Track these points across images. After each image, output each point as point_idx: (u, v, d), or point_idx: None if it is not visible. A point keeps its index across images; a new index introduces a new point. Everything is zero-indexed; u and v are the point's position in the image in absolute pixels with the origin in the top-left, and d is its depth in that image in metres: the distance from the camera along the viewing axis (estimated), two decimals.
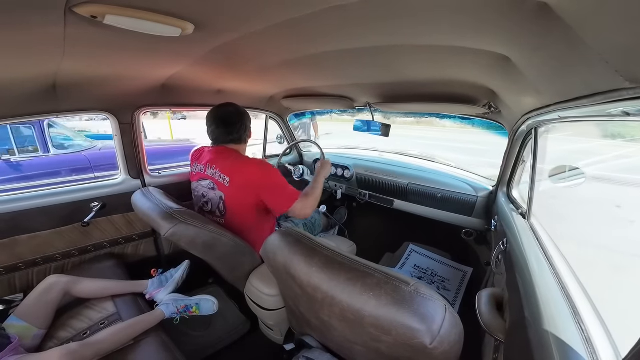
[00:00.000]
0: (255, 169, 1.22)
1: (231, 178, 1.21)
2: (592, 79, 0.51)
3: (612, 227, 2.42)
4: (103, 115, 1.40)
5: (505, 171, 1.38)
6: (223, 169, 1.24)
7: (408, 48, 0.84)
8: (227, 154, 1.29)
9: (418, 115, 1.96)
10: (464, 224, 1.70)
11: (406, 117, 2.22)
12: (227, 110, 1.32)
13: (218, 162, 1.27)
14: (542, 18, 0.48)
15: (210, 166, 1.29)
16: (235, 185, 1.21)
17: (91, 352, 0.89)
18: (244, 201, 1.23)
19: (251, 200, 1.23)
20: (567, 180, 1.08)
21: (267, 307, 1.11)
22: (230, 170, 1.23)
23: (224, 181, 1.23)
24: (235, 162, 1.25)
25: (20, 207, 1.24)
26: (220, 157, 1.28)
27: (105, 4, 0.53)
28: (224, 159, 1.27)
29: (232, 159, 1.26)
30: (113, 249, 1.55)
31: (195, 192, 1.36)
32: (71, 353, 0.84)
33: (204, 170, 1.31)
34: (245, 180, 1.20)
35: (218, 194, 1.25)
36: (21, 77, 0.93)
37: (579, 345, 0.49)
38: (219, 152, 1.31)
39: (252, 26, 0.70)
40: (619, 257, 1.82)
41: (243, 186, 1.20)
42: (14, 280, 1.27)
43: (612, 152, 4.46)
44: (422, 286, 0.60)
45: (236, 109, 1.33)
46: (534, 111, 0.92)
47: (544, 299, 0.61)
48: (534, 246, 0.83)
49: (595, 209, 2.88)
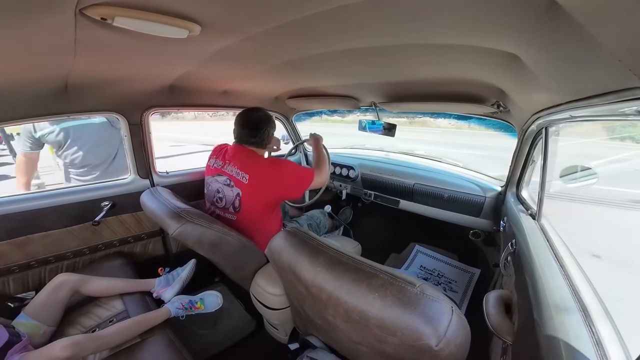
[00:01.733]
0: (272, 168, 1.30)
1: (250, 176, 1.26)
2: (604, 77, 0.50)
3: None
4: (113, 116, 1.42)
5: (515, 171, 1.35)
6: (242, 167, 1.29)
7: (414, 47, 0.83)
8: (247, 153, 1.35)
9: (427, 114, 1.94)
10: (472, 224, 1.68)
11: (414, 118, 2.21)
12: (255, 115, 1.38)
13: (237, 160, 1.33)
14: (551, 16, 0.47)
15: (229, 163, 1.34)
16: (253, 183, 1.26)
17: (95, 345, 0.91)
18: (260, 199, 1.29)
19: (268, 197, 1.30)
20: (579, 180, 1.06)
21: (272, 306, 1.12)
22: (250, 168, 1.28)
23: (242, 179, 1.27)
24: (254, 161, 1.31)
25: (33, 206, 1.27)
26: (240, 156, 1.34)
27: (115, 6, 0.54)
28: (244, 158, 1.33)
29: (251, 158, 1.33)
30: (122, 248, 1.57)
31: (209, 186, 1.40)
32: (74, 344, 0.85)
33: (222, 166, 1.36)
34: (263, 179, 1.27)
35: (235, 191, 1.29)
36: (34, 79, 0.95)
37: (589, 348, 0.48)
38: (239, 150, 1.36)
39: (258, 27, 0.70)
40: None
41: (261, 184, 1.27)
42: (27, 278, 1.31)
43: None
44: (428, 287, 0.60)
45: (264, 115, 1.39)
46: (544, 110, 0.90)
47: (554, 301, 0.60)
48: (544, 247, 0.81)
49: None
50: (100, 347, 0.93)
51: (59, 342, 0.85)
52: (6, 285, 1.26)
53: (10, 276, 1.26)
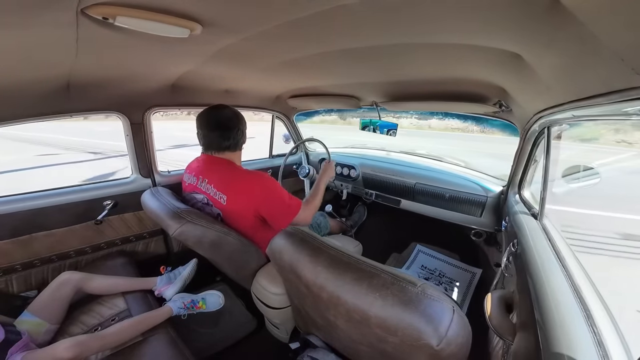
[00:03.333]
0: (254, 186, 1.11)
1: (228, 197, 1.11)
2: (607, 76, 0.50)
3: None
4: (115, 115, 1.43)
5: (516, 171, 1.35)
6: (218, 186, 1.13)
7: (416, 46, 0.83)
8: (221, 166, 1.17)
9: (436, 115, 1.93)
10: (473, 224, 1.67)
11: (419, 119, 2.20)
12: (223, 113, 1.18)
13: (211, 176, 1.17)
14: (554, 14, 0.47)
15: (203, 179, 1.18)
16: (233, 205, 1.12)
17: (98, 344, 0.92)
18: (243, 221, 1.16)
19: (252, 218, 1.15)
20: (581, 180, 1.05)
21: (273, 305, 1.12)
22: (227, 187, 1.12)
23: (220, 199, 1.13)
24: (232, 177, 1.14)
25: (37, 205, 1.27)
26: (214, 170, 1.17)
27: (116, 5, 0.54)
28: (218, 173, 1.16)
29: (227, 172, 1.15)
30: (124, 247, 1.58)
31: (190, 202, 1.26)
32: (78, 344, 0.86)
33: (196, 183, 1.21)
34: (244, 199, 1.11)
35: (215, 211, 1.17)
36: (36, 78, 0.96)
37: (590, 349, 0.48)
38: (211, 162, 1.19)
39: (259, 26, 0.70)
40: None
41: (242, 206, 1.12)
42: (29, 277, 1.31)
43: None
44: (430, 287, 0.60)
45: (233, 112, 1.21)
46: (546, 110, 0.90)
47: (555, 301, 0.60)
48: (545, 247, 0.81)
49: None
50: (103, 347, 0.93)
51: (63, 343, 0.86)
52: (9, 283, 1.26)
53: (13, 275, 1.27)
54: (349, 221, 2.21)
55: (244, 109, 1.96)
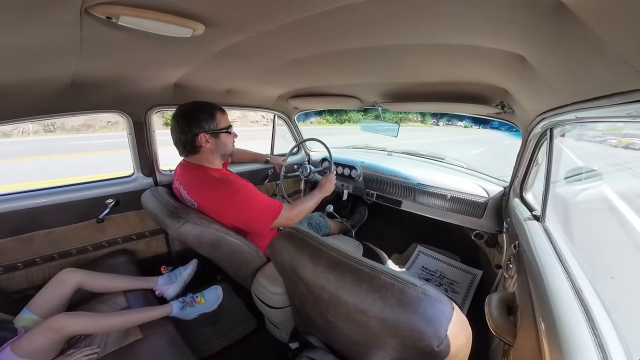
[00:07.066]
0: (221, 196, 1.05)
1: (198, 204, 1.10)
2: (611, 78, 0.49)
3: None
4: (117, 114, 1.43)
5: (518, 173, 1.34)
6: (190, 192, 1.11)
7: (419, 47, 0.83)
8: (191, 172, 1.12)
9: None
10: (475, 225, 1.67)
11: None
12: (180, 110, 1.08)
13: (185, 182, 1.14)
14: (558, 16, 0.46)
15: (180, 184, 1.16)
16: (203, 211, 1.10)
17: (89, 323, 0.95)
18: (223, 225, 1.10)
19: (227, 225, 1.10)
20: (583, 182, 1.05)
21: (274, 305, 1.12)
22: (195, 194, 1.10)
23: (192, 206, 1.13)
24: (199, 184, 1.10)
25: (38, 203, 1.28)
26: (184, 175, 1.14)
27: (120, 5, 0.54)
28: (190, 180, 1.12)
29: (196, 179, 1.11)
30: (125, 245, 1.58)
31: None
32: (68, 315, 0.92)
33: (178, 187, 1.20)
34: (212, 208, 1.07)
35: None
36: (41, 77, 0.96)
37: (591, 351, 0.48)
38: (183, 167, 1.15)
39: (262, 26, 0.70)
40: None
41: (213, 214, 1.09)
42: (30, 275, 1.32)
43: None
44: (430, 288, 0.60)
45: (189, 107, 1.08)
46: (549, 111, 0.89)
47: (556, 303, 0.59)
48: (547, 249, 0.81)
49: None
50: (94, 327, 0.96)
51: (55, 315, 0.92)
52: (10, 281, 1.27)
53: (14, 272, 1.27)
54: (350, 221, 2.20)
55: (245, 109, 1.97)
